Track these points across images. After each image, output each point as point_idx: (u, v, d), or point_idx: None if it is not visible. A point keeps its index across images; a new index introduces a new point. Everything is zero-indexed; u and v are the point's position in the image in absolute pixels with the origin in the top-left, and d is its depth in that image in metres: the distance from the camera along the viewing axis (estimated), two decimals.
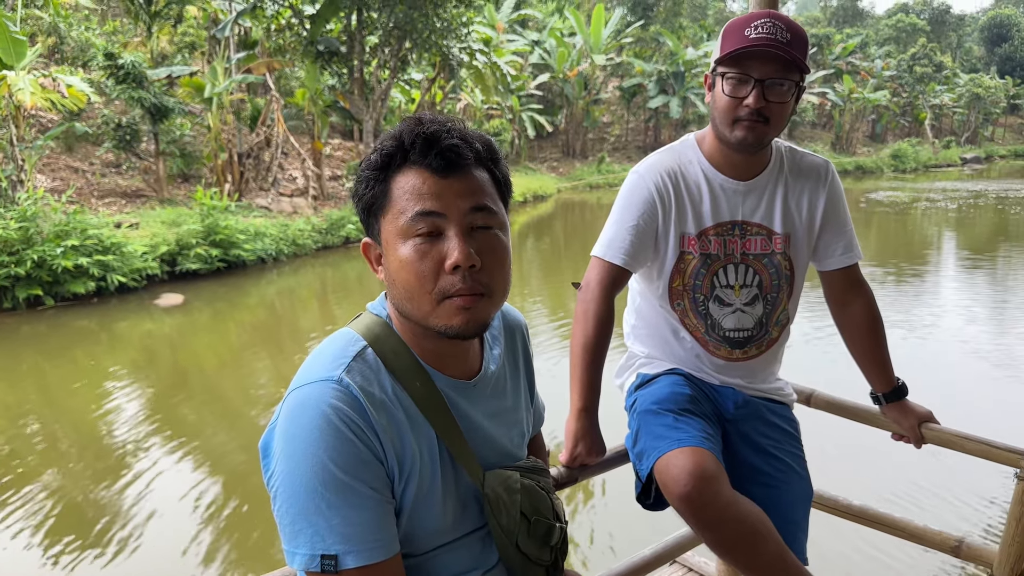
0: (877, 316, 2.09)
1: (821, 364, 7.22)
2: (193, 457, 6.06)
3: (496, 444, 1.27)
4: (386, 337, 1.16)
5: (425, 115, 1.14)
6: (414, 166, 1.10)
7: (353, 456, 1.03)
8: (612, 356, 1.99)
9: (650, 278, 2.05)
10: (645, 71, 32.83)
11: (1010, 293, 12.22)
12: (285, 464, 1.04)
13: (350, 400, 1.05)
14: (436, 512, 1.15)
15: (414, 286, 1.09)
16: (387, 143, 1.12)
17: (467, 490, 1.20)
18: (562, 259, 15.97)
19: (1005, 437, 2.07)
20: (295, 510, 1.03)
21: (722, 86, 1.81)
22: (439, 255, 1.08)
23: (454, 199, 1.09)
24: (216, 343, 10.04)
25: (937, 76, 43.99)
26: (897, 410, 2.13)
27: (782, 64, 1.75)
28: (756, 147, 1.87)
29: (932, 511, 4.92)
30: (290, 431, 1.05)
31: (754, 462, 1.98)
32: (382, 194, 1.12)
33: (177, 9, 20.97)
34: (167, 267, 12.35)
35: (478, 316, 1.11)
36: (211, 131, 16.18)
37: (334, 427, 1.03)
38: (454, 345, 1.19)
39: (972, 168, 41.16)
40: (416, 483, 1.11)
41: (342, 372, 1.08)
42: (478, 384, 1.24)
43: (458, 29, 18.48)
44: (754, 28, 1.75)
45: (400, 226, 1.09)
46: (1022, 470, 1.97)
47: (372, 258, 1.18)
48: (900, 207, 24.12)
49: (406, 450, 1.10)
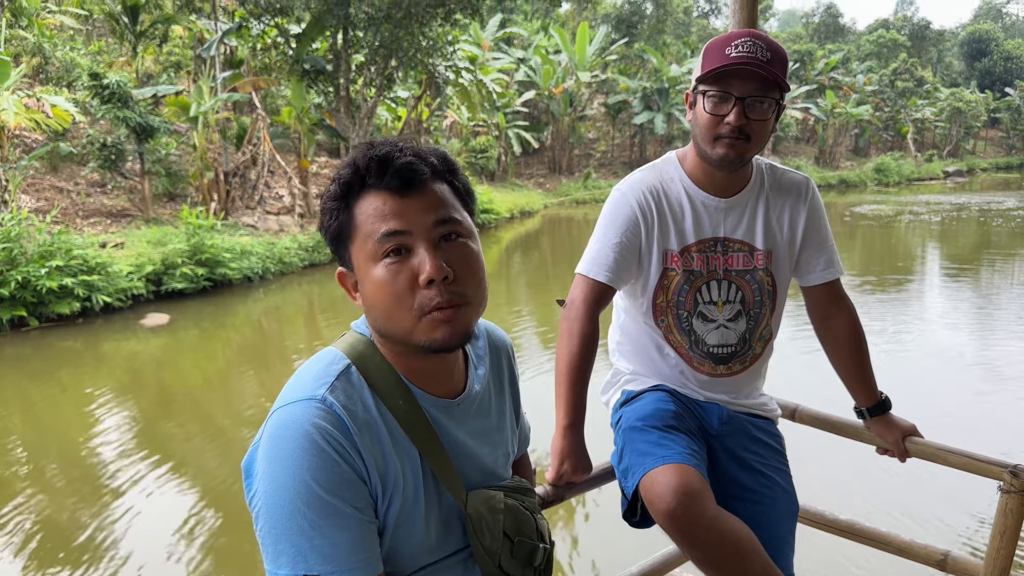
0: (859, 331, 2.11)
1: (816, 381, 7.24)
2: (179, 477, 6.00)
3: (480, 464, 1.26)
4: (370, 356, 1.16)
5: (376, 139, 1.15)
6: (372, 189, 1.11)
7: (336, 476, 1.03)
8: (597, 373, 1.99)
9: (634, 295, 2.06)
10: (630, 88, 33.06)
11: (993, 305, 12.31)
12: (268, 484, 1.03)
13: (333, 419, 1.05)
14: (419, 531, 1.14)
15: (392, 306, 1.09)
16: (344, 172, 1.13)
17: (450, 510, 1.20)
18: (550, 275, 15.99)
19: (990, 449, 2.08)
20: (277, 530, 1.02)
21: (703, 104, 1.82)
22: (411, 272, 1.08)
23: (417, 215, 1.10)
24: (202, 362, 9.98)
25: (918, 91, 44.47)
26: (881, 424, 2.14)
27: (762, 82, 1.77)
28: (737, 164, 1.88)
29: (918, 525, 4.94)
30: (273, 451, 1.04)
31: (739, 478, 1.98)
32: (347, 222, 1.13)
33: (162, 29, 21.01)
34: (153, 287, 12.29)
35: (460, 326, 1.11)
36: (197, 150, 16.15)
37: (317, 447, 1.03)
38: (438, 363, 1.19)
39: (954, 181, 41.57)
40: (399, 502, 1.11)
41: (325, 391, 1.08)
42: (462, 403, 1.24)
43: (444, 47, 18.57)
44: (734, 47, 1.77)
45: (369, 250, 1.10)
46: (1005, 483, 1.98)
47: (349, 287, 1.18)
48: (884, 220, 24.31)
49: (389, 469, 1.10)
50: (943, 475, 2.31)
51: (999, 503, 2.00)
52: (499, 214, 22.82)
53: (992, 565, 2.04)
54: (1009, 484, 1.97)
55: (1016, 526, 1.99)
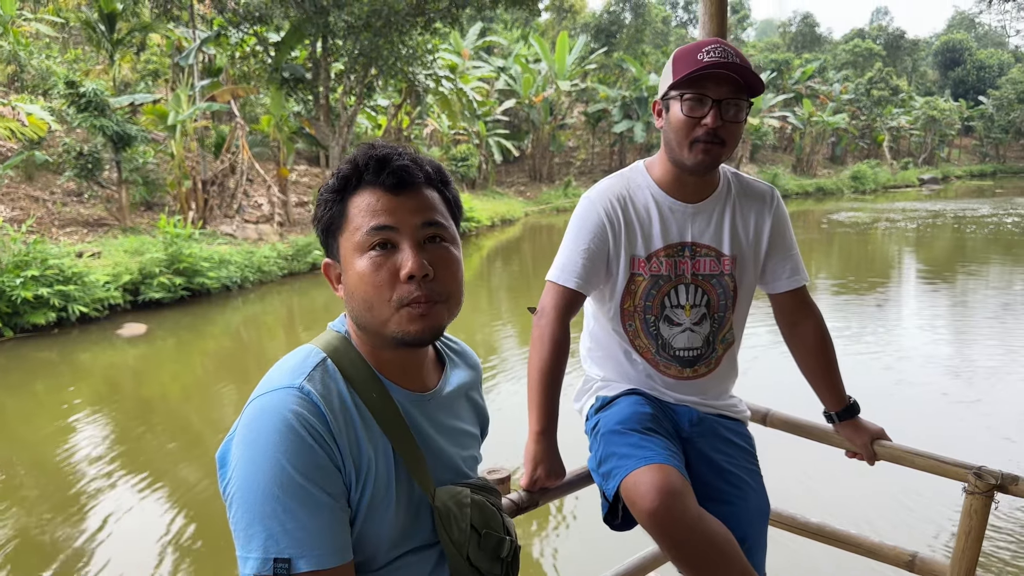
0: (826, 336, 2.14)
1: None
2: (157, 488, 5.95)
3: (448, 461, 1.30)
4: (345, 350, 1.20)
5: (378, 141, 1.22)
6: (368, 186, 1.18)
7: (312, 461, 1.06)
8: (569, 380, 2.02)
9: (602, 300, 2.09)
10: (609, 96, 33.23)
11: (966, 310, 12.48)
12: (244, 469, 1.06)
13: (311, 407, 1.09)
14: (389, 521, 1.17)
15: (372, 296, 1.14)
16: (343, 167, 1.20)
17: (419, 502, 1.23)
18: (531, 282, 16.02)
19: (958, 452, 2.12)
20: (251, 514, 1.04)
21: (680, 107, 1.86)
22: (394, 267, 1.14)
23: (406, 215, 1.16)
24: (180, 373, 9.90)
25: (894, 99, 44.99)
26: (850, 428, 2.18)
27: (736, 85, 1.83)
28: (712, 168, 1.93)
29: (888, 527, 4.99)
30: (250, 437, 1.07)
31: (710, 479, 2.00)
32: (339, 214, 1.19)
33: (140, 37, 20.88)
34: (130, 296, 12.17)
35: (434, 321, 1.16)
36: (175, 159, 16.05)
37: (295, 432, 1.06)
38: (409, 357, 1.24)
39: (930, 188, 42.08)
40: (372, 490, 1.14)
41: (303, 380, 1.12)
42: (433, 398, 1.28)
43: (423, 56, 18.59)
44: (706, 52, 1.82)
45: (356, 241, 1.16)
46: (970, 484, 2.02)
47: (332, 277, 1.24)
48: (861, 227, 24.56)
49: (363, 458, 1.13)
50: (911, 477, 2.35)
51: (964, 504, 2.04)
52: (480, 222, 22.84)
53: (958, 565, 2.07)
54: (973, 485, 2.01)
55: (980, 526, 2.03)
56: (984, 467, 2.01)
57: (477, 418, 1.46)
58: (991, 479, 1.99)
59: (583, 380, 2.23)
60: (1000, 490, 2.00)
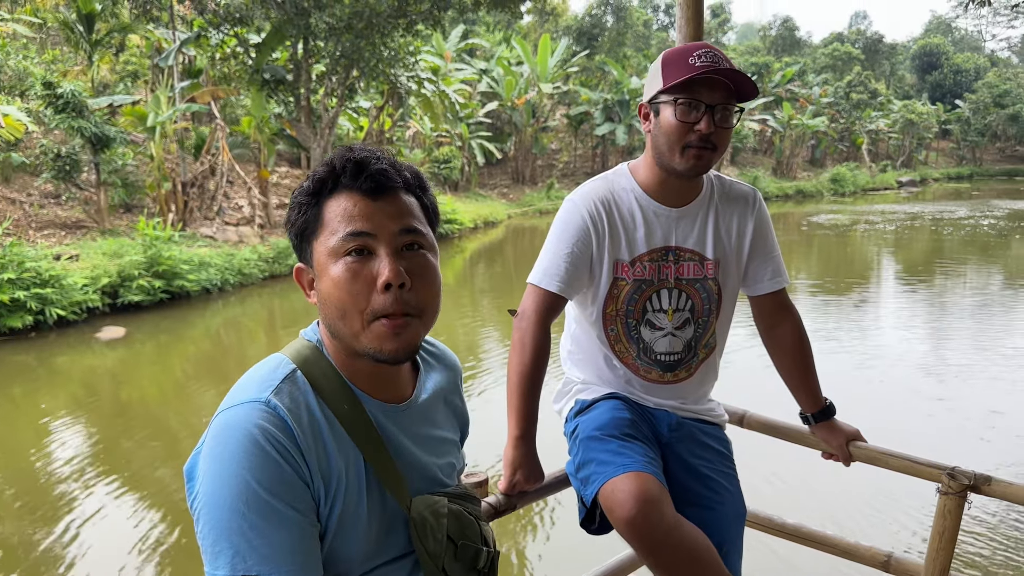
0: (804, 338, 2.16)
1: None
2: (136, 492, 5.91)
3: (425, 470, 1.28)
4: (315, 360, 1.17)
5: (356, 144, 1.20)
6: (345, 190, 1.14)
7: (278, 477, 1.04)
8: (549, 382, 2.02)
9: (584, 304, 2.08)
10: (591, 99, 33.29)
11: (944, 310, 12.62)
12: (209, 484, 1.04)
13: (277, 422, 1.06)
14: (361, 535, 1.15)
15: (347, 304, 1.11)
16: (319, 170, 1.16)
17: (393, 514, 1.21)
18: (514, 284, 16.02)
19: (932, 451, 2.15)
20: (217, 531, 1.02)
21: (672, 112, 1.85)
22: (370, 274, 1.11)
23: (384, 220, 1.13)
24: (160, 376, 9.83)
25: (872, 103, 45.37)
26: (826, 429, 2.20)
27: (728, 91, 1.83)
28: (702, 173, 1.93)
29: (863, 527, 5.04)
30: (215, 451, 1.05)
31: (688, 483, 2.01)
32: (314, 218, 1.16)
33: (119, 38, 20.71)
34: (108, 299, 12.06)
35: (407, 340, 1.14)
36: (154, 160, 15.91)
37: (260, 448, 1.03)
38: (384, 368, 1.21)
39: (908, 191, 42.48)
40: (341, 506, 1.12)
41: (270, 394, 1.09)
42: (408, 409, 1.26)
43: (405, 58, 18.56)
44: (698, 57, 1.82)
45: (331, 246, 1.12)
46: (944, 485, 2.04)
47: (305, 283, 1.21)
48: (840, 229, 24.76)
49: (332, 473, 1.11)
50: (887, 478, 2.37)
51: (938, 504, 2.06)
52: (463, 224, 22.81)
53: (932, 565, 2.10)
54: (947, 486, 2.03)
55: (954, 526, 2.05)
56: (957, 468, 2.04)
57: (456, 421, 1.43)
58: (964, 480, 2.01)
59: (563, 382, 2.22)
60: (973, 490, 2.02)
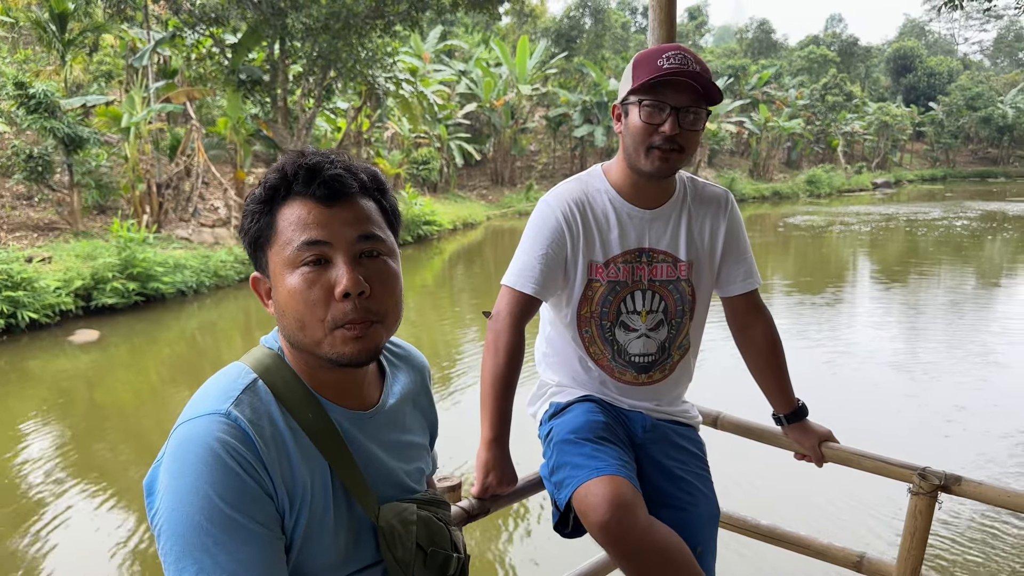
0: (777, 340, 2.17)
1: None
2: (111, 498, 5.84)
3: (393, 477, 1.26)
4: (277, 369, 1.15)
5: (308, 148, 1.15)
6: (299, 197, 1.10)
7: (241, 491, 1.01)
8: (524, 384, 2.01)
9: (559, 306, 2.08)
10: (570, 101, 33.37)
11: (917, 310, 12.76)
12: (170, 500, 1.01)
13: (238, 434, 1.04)
14: (327, 546, 1.13)
15: (304, 315, 1.09)
16: (271, 176, 1.12)
17: (361, 523, 1.19)
18: (492, 285, 16.01)
19: (902, 450, 2.16)
20: (179, 547, 1.00)
21: (638, 113, 1.85)
22: (327, 283, 1.08)
23: (340, 227, 1.10)
24: (135, 380, 9.71)
25: (847, 105, 45.82)
26: (798, 430, 2.21)
27: (695, 93, 1.82)
28: (669, 175, 1.93)
29: (836, 528, 5.08)
30: (175, 466, 1.02)
31: (662, 485, 2.01)
32: (268, 227, 1.12)
33: (92, 38, 20.46)
34: (82, 302, 11.89)
35: (370, 343, 1.11)
36: (128, 161, 15.74)
37: (221, 461, 1.01)
38: (349, 375, 1.18)
39: (883, 192, 42.96)
40: (307, 517, 1.09)
41: (230, 405, 1.06)
42: (375, 416, 1.23)
43: (383, 59, 18.49)
44: (667, 59, 1.82)
45: (287, 256, 1.09)
46: (915, 485, 2.06)
47: (262, 292, 1.17)
48: (816, 230, 24.97)
49: (297, 484, 1.09)
50: (859, 479, 2.38)
51: (909, 504, 2.08)
52: (442, 226, 22.76)
53: (904, 565, 2.11)
54: (918, 486, 2.05)
55: (925, 526, 2.07)
56: (928, 468, 2.05)
57: (426, 423, 1.41)
58: (935, 480, 2.02)
59: (537, 385, 2.22)
60: (944, 490, 2.04)
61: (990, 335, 10.76)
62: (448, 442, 1.51)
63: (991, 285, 15.31)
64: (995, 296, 14.30)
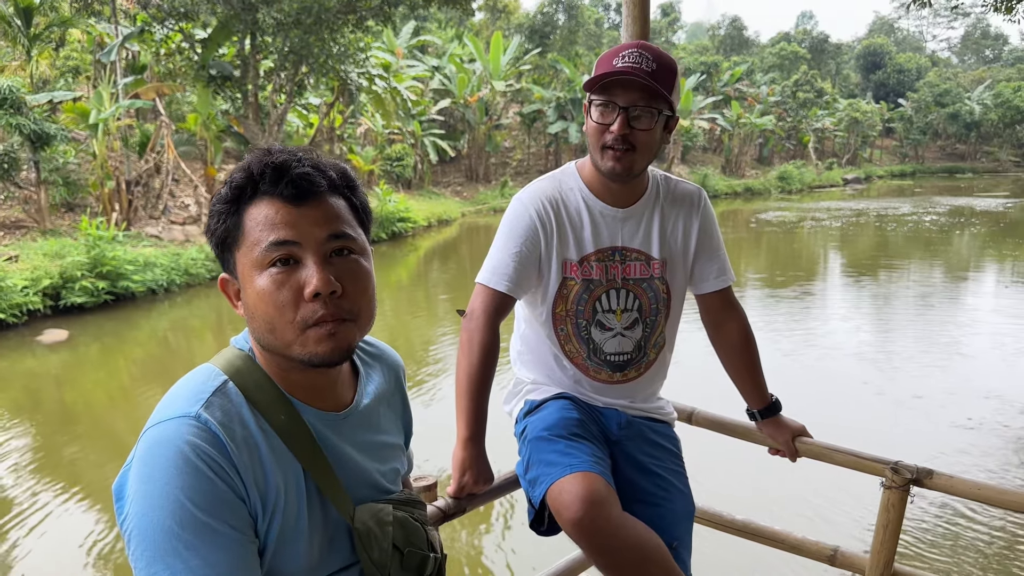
0: (750, 336, 2.18)
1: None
2: (82, 499, 5.76)
3: (368, 478, 1.25)
4: (248, 371, 1.12)
5: (275, 146, 1.12)
6: (266, 196, 1.08)
7: (212, 494, 1.00)
8: (500, 382, 2.00)
9: (534, 304, 2.07)
10: (544, 97, 33.35)
11: (887, 303, 12.94)
12: (140, 505, 0.99)
13: (209, 437, 1.02)
14: (302, 549, 1.11)
15: (274, 317, 1.07)
16: (236, 176, 1.10)
17: (336, 525, 1.17)
18: (468, 282, 15.99)
19: (874, 443, 2.18)
20: (150, 553, 0.98)
21: (591, 113, 1.87)
22: (297, 284, 1.06)
23: (309, 227, 1.07)
24: (105, 379, 9.59)
25: (818, 101, 46.22)
26: (772, 426, 2.22)
27: (646, 92, 1.80)
28: (626, 176, 1.91)
29: (810, 522, 5.14)
30: (144, 471, 1.00)
31: (637, 481, 2.01)
32: (235, 227, 1.09)
33: (59, 32, 20.11)
34: (50, 301, 11.72)
35: (343, 341, 1.09)
36: (97, 158, 15.52)
37: (192, 465, 0.99)
38: (321, 376, 1.17)
39: (853, 188, 43.43)
40: (281, 520, 1.08)
41: (200, 408, 1.04)
42: (349, 417, 1.22)
43: (355, 54, 18.37)
44: (621, 57, 1.81)
45: (255, 257, 1.07)
46: (887, 479, 2.08)
47: (231, 294, 1.15)
48: (788, 226, 25.21)
49: (270, 487, 1.07)
50: (833, 473, 2.41)
51: (882, 498, 2.10)
52: (416, 222, 22.67)
53: (877, 558, 2.13)
54: (891, 480, 2.07)
55: (898, 520, 2.09)
56: (901, 462, 2.07)
57: (400, 422, 1.40)
58: (907, 474, 2.04)
59: (513, 383, 2.21)
60: (916, 484, 2.06)
61: (956, 327, 10.97)
62: (424, 441, 1.49)
63: (959, 279, 15.55)
64: (963, 289, 14.54)
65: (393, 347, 1.44)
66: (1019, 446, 6.57)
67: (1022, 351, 9.56)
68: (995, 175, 51.81)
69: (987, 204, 31.75)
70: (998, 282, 14.76)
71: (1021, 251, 19.09)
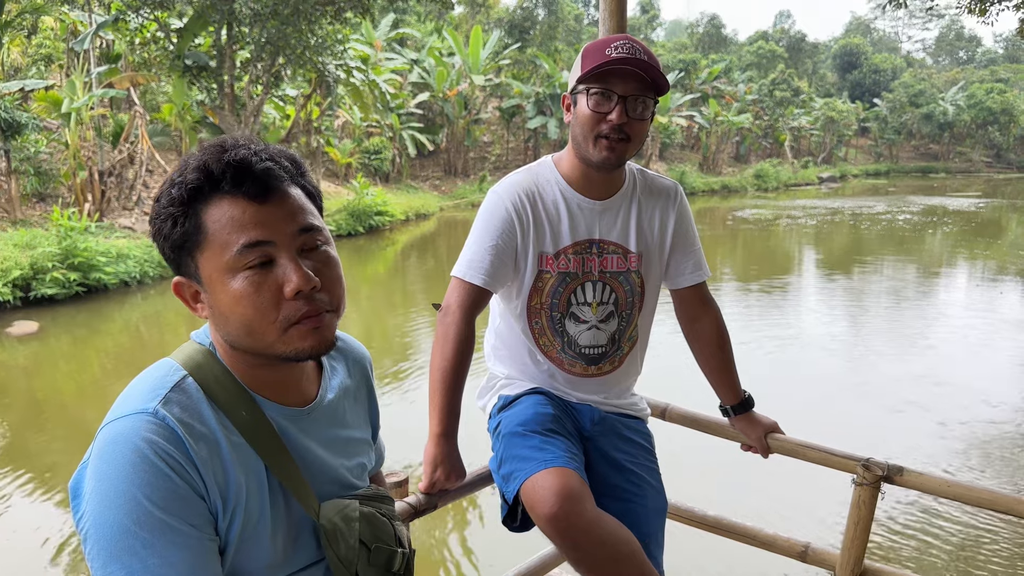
0: (724, 332, 2.18)
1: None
2: (51, 493, 5.67)
3: (334, 474, 1.23)
4: (209, 366, 1.10)
5: (226, 139, 1.08)
6: (227, 196, 1.04)
7: (170, 492, 0.98)
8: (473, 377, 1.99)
9: (509, 297, 2.06)
10: (523, 92, 33.33)
11: (861, 300, 13.07)
12: (96, 503, 0.97)
13: (167, 433, 0.99)
14: (265, 547, 1.09)
15: (254, 319, 1.04)
16: (190, 176, 1.04)
17: (301, 522, 1.16)
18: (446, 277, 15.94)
19: (845, 439, 2.19)
20: (107, 552, 0.96)
21: (586, 102, 1.85)
22: (275, 284, 1.04)
23: (279, 224, 1.05)
24: (76, 372, 9.45)
25: (795, 100, 46.59)
26: (744, 422, 2.23)
27: (642, 82, 1.82)
28: (617, 165, 1.92)
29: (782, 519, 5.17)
30: (101, 468, 0.98)
31: (610, 477, 2.01)
32: (194, 230, 1.05)
33: (31, 19, 19.79)
34: (20, 293, 11.53)
35: (327, 333, 1.09)
36: (69, 148, 15.29)
37: (149, 462, 0.97)
38: (287, 372, 1.15)
39: (828, 187, 43.81)
40: (243, 518, 1.06)
41: (158, 404, 1.02)
42: (312, 412, 1.20)
43: (334, 46, 18.23)
44: (615, 48, 1.81)
45: (226, 261, 1.04)
46: (858, 476, 2.09)
47: (188, 297, 1.11)
48: (764, 224, 25.38)
49: (230, 484, 1.05)
50: (805, 470, 2.42)
51: (853, 495, 2.11)
52: (394, 216, 22.55)
53: (848, 554, 2.15)
54: (862, 477, 2.08)
55: (868, 516, 2.10)
56: (871, 459, 2.09)
57: (368, 416, 1.39)
58: (878, 470, 2.06)
59: (487, 378, 2.20)
60: (886, 481, 2.07)
61: (925, 322, 11.14)
62: (396, 436, 1.48)
63: (932, 276, 15.73)
64: (935, 285, 14.72)
65: (370, 341, 1.42)
66: (988, 441, 6.66)
67: (995, 346, 9.70)
68: (968, 175, 52.56)
69: (959, 204, 32.17)
70: (996, 291, 14.71)
71: (992, 250, 19.36)
